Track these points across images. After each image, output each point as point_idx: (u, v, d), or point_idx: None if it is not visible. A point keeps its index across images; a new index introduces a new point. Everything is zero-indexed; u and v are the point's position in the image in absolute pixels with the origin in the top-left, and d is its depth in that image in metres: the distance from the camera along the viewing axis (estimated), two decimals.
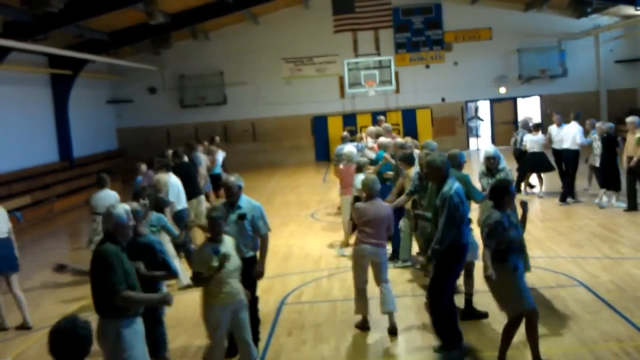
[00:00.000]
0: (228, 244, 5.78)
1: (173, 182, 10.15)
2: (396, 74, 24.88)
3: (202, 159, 13.55)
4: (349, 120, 25.79)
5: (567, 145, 13.60)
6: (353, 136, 16.69)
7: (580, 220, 12.00)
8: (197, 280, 5.67)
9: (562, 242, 10.46)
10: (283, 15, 25.68)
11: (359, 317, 7.41)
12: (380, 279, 7.09)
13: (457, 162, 7.61)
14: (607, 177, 12.70)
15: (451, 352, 6.44)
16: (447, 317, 6.44)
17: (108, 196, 9.74)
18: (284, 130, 26.16)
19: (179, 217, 9.76)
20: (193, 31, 23.66)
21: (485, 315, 7.25)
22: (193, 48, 25.56)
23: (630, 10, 22.19)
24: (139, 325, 4.99)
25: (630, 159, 12.05)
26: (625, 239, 10.43)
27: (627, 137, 12.39)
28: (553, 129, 14.31)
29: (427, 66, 26.02)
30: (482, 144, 26.88)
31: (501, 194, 5.97)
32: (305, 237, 12.55)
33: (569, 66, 25.40)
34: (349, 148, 11.43)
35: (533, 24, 25.33)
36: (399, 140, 11.28)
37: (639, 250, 9.73)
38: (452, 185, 6.26)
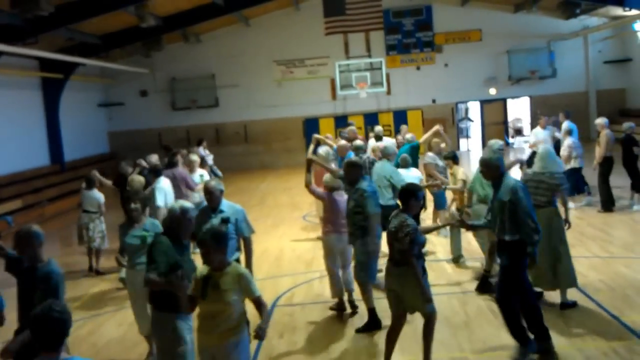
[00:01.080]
0: None
1: (160, 186, 9.84)
2: (387, 75, 24.97)
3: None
4: (341, 122, 25.76)
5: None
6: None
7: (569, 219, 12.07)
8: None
9: None
10: (274, 18, 25.73)
11: (350, 319, 7.48)
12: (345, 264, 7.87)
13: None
14: (633, 178, 12.58)
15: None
16: (539, 314, 6.26)
17: (95, 196, 10.14)
18: (275, 133, 26.19)
19: None
20: (184, 34, 23.68)
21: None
22: (184, 51, 25.57)
23: (618, 11, 22.36)
24: (191, 321, 5.13)
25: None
26: (615, 239, 10.52)
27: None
28: (537, 131, 14.44)
29: (418, 68, 26.13)
30: (472, 145, 27.03)
31: (408, 197, 6.01)
32: (297, 238, 12.58)
33: (558, 67, 25.56)
34: (324, 148, 11.37)
35: (522, 26, 25.48)
36: (358, 142, 11.40)
37: (629, 249, 9.81)
38: (512, 179, 6.20)
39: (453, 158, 10.05)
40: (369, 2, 25.75)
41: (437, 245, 10.66)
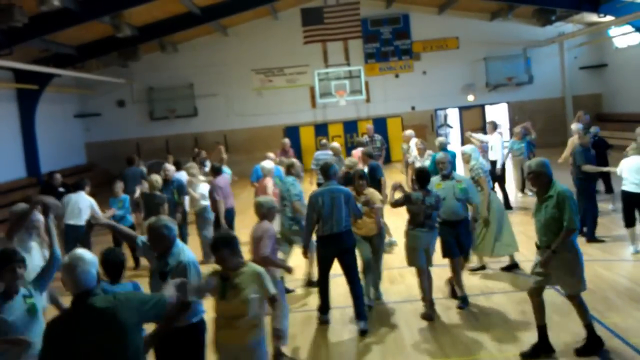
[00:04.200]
0: None
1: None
2: (366, 83, 25.06)
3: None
4: (321, 130, 25.87)
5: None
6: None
7: None
8: None
9: (532, 245, 10.47)
10: (252, 27, 25.72)
11: (334, 327, 7.42)
12: None
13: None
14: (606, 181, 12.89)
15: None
16: None
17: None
18: (256, 141, 26.07)
19: None
20: (161, 43, 23.54)
21: None
22: (162, 60, 25.43)
23: (593, 17, 22.66)
24: None
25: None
26: (594, 241, 10.57)
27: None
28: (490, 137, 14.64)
29: (397, 75, 26.26)
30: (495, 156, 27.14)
31: None
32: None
33: (534, 73, 25.83)
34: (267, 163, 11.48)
35: (499, 33, 25.74)
36: (284, 159, 11.97)
37: (608, 251, 9.88)
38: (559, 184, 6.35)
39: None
40: (347, 11, 25.80)
41: None
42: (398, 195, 7.73)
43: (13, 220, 6.17)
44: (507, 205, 13.21)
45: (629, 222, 9.61)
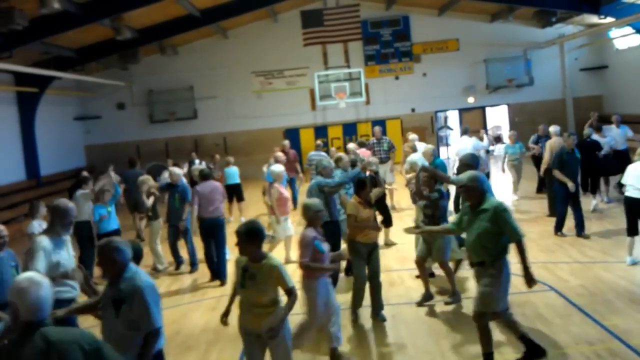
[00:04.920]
0: None
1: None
2: (366, 85, 25.04)
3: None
4: (321, 132, 25.85)
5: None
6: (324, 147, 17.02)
7: (549, 225, 12.12)
8: None
9: (532, 248, 10.51)
10: (252, 29, 25.72)
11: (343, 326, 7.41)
12: None
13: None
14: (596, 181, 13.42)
15: None
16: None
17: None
18: (255, 144, 26.07)
19: None
20: (161, 46, 23.55)
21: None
22: (162, 63, 25.43)
23: (593, 18, 22.65)
24: None
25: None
26: (594, 243, 10.56)
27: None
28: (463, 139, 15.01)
29: (397, 77, 26.24)
30: (452, 153, 27.12)
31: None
32: (279, 250, 12.46)
33: (535, 75, 25.81)
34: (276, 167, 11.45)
35: (499, 35, 25.73)
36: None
37: (608, 253, 9.86)
38: (493, 198, 6.38)
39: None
40: (347, 13, 25.82)
41: None
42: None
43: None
44: None
45: (632, 231, 9.28)
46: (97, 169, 16.84)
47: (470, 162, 7.28)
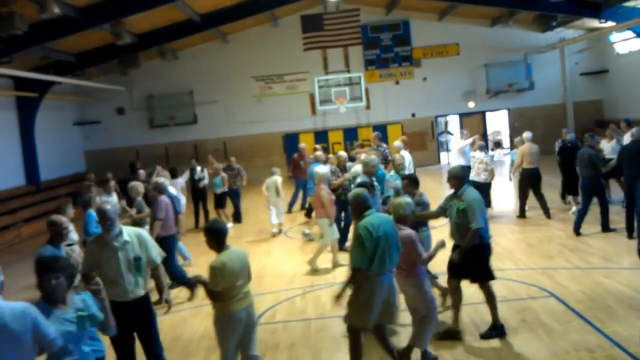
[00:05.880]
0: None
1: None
2: (366, 90, 25.04)
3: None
4: (321, 137, 25.82)
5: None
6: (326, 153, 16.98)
7: (549, 231, 12.10)
8: None
9: (532, 254, 10.52)
10: (252, 34, 25.73)
11: (333, 336, 7.38)
12: None
13: None
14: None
15: None
16: None
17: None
18: (255, 149, 26.07)
19: None
20: (161, 51, 23.56)
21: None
22: (162, 68, 25.44)
23: (594, 23, 22.67)
24: None
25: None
26: (594, 249, 10.52)
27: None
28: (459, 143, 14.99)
29: (397, 82, 26.24)
30: (452, 159, 27.10)
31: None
32: (279, 255, 12.46)
33: (535, 79, 25.81)
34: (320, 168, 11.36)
35: (499, 39, 25.74)
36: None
37: (608, 259, 9.82)
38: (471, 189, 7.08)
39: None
40: (347, 18, 25.89)
41: None
42: None
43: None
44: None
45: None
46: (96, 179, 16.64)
47: (459, 174, 7.17)
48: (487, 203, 13.26)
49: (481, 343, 6.91)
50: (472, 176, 12.92)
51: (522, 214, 13.54)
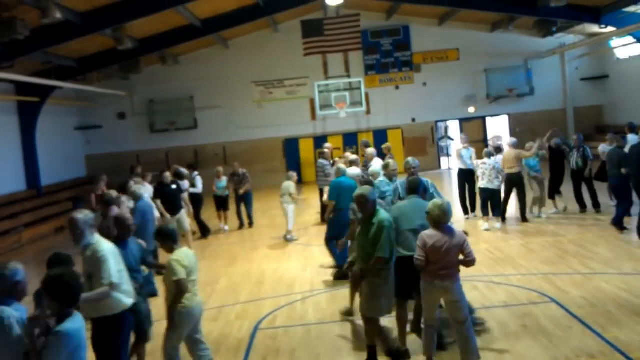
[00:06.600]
0: None
1: None
2: (366, 95, 25.07)
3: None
4: (321, 142, 25.76)
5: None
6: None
7: (550, 236, 12.10)
8: None
9: (533, 259, 10.52)
10: (253, 39, 25.77)
11: (333, 341, 7.39)
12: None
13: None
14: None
15: None
16: None
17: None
18: (255, 154, 26.09)
19: None
20: (162, 56, 23.60)
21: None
22: (162, 73, 25.48)
23: (594, 28, 22.71)
24: None
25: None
26: (595, 255, 10.52)
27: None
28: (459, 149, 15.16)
29: (397, 87, 26.28)
30: (452, 163, 27.12)
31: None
32: (279, 260, 12.45)
33: (535, 85, 25.84)
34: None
35: (499, 44, 25.79)
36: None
37: (609, 265, 9.81)
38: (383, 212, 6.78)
39: None
40: (347, 23, 25.94)
41: None
42: None
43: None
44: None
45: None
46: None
47: (412, 186, 7.14)
48: (498, 211, 13.26)
49: (481, 347, 6.90)
50: (485, 183, 12.92)
51: (502, 215, 13.68)
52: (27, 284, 4.50)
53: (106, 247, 5.68)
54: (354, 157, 12.07)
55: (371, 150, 13.78)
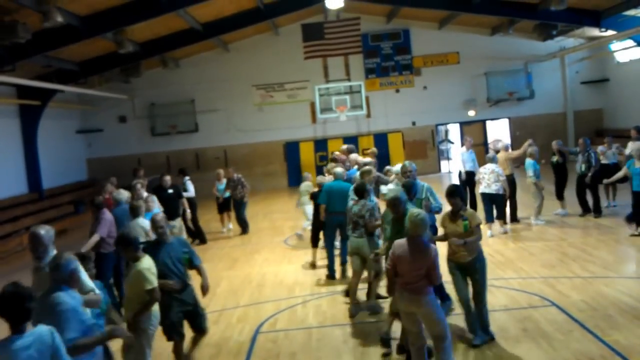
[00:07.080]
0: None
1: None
2: (367, 98, 25.09)
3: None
4: (321, 145, 25.89)
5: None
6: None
7: (551, 240, 12.12)
8: None
9: (534, 263, 10.53)
10: (253, 43, 25.82)
11: (334, 344, 7.42)
12: None
13: None
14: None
15: None
16: None
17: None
18: (256, 157, 26.12)
19: None
20: (163, 59, 23.64)
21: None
22: (163, 76, 25.52)
23: (594, 32, 22.73)
24: None
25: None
26: (595, 258, 10.53)
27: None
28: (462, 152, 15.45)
29: (397, 90, 26.30)
30: (453, 167, 27.14)
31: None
32: (279, 264, 12.46)
33: (536, 88, 25.86)
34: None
35: (500, 48, 25.82)
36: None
37: (609, 268, 9.83)
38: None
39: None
40: (348, 27, 25.99)
41: None
42: None
43: None
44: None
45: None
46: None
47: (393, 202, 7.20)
48: (501, 215, 13.20)
49: (482, 351, 6.92)
50: (483, 188, 12.88)
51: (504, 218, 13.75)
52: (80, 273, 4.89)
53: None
54: (339, 169, 10.99)
55: (354, 155, 13.60)
